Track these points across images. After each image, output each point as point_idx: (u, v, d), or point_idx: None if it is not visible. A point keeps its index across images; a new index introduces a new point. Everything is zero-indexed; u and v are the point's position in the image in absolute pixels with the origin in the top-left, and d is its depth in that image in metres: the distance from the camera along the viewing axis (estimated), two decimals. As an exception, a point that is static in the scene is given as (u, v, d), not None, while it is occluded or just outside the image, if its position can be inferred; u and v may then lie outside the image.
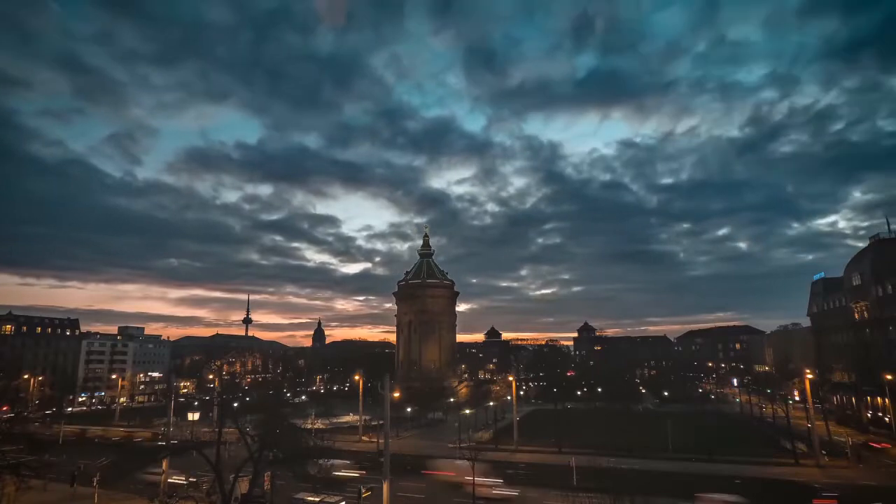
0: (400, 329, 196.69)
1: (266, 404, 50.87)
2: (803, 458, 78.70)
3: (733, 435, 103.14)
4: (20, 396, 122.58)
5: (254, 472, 44.42)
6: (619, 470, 49.68)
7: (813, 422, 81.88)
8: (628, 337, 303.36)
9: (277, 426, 46.03)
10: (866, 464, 76.78)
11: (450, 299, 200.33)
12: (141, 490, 59.49)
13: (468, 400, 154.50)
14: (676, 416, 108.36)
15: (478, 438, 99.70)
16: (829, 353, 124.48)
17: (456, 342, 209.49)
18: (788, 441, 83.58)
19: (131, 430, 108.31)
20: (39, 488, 58.23)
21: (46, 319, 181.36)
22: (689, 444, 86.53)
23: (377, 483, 53.70)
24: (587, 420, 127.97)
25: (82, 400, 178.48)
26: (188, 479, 62.39)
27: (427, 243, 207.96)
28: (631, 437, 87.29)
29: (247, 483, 47.21)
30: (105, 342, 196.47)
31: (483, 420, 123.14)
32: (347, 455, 79.93)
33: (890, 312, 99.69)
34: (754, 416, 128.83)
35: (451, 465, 68.13)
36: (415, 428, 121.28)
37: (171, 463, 58.69)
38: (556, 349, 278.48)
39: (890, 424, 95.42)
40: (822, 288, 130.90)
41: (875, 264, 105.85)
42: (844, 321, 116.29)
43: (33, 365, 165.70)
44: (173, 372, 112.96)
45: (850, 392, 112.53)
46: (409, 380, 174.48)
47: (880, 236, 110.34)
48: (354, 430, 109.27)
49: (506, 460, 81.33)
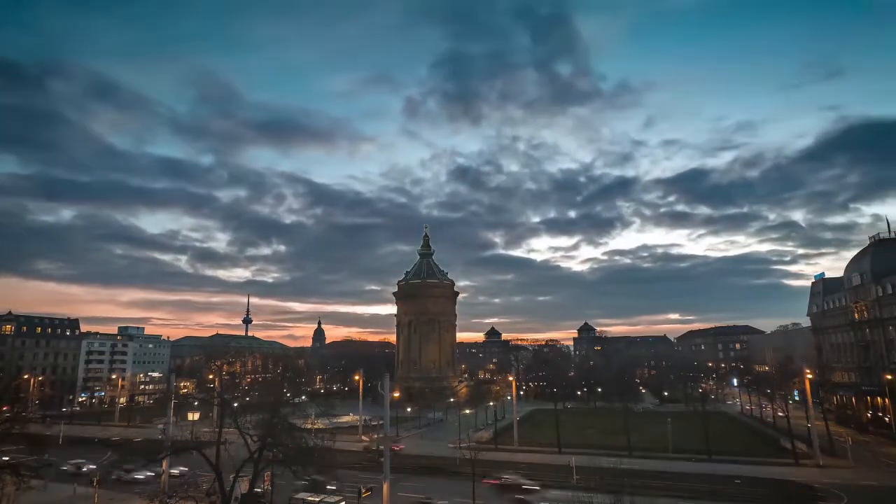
0: (400, 329, 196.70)
1: (266, 404, 50.80)
2: (803, 458, 78.74)
3: (733, 435, 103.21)
4: (20, 396, 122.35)
5: (254, 472, 44.43)
6: (619, 470, 49.62)
7: (813, 422, 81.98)
8: (628, 337, 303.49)
9: (277, 426, 46.03)
10: (866, 464, 76.83)
11: (450, 299, 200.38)
12: (140, 491, 59.47)
13: (468, 400, 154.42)
14: (676, 416, 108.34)
15: (478, 438, 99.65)
16: (829, 353, 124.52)
17: (456, 342, 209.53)
18: (788, 441, 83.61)
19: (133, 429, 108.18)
20: (39, 488, 58.29)
21: (46, 319, 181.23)
22: (689, 444, 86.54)
23: (377, 484, 53.84)
24: (587, 420, 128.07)
25: (82, 400, 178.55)
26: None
27: (427, 243, 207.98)
28: (631, 437, 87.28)
29: (247, 483, 47.21)
30: (105, 342, 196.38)
31: (483, 420, 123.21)
32: (347, 455, 79.93)
33: (890, 312, 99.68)
34: (754, 415, 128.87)
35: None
36: (415, 428, 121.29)
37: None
38: (556, 349, 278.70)
39: (890, 424, 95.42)
40: (822, 288, 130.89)
41: (875, 264, 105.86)
42: (844, 321, 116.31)
43: (33, 365, 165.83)
44: (173, 372, 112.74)
45: (850, 392, 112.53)
46: (409, 380, 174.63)
47: (880, 236, 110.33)
48: (354, 430, 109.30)
49: (506, 460, 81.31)
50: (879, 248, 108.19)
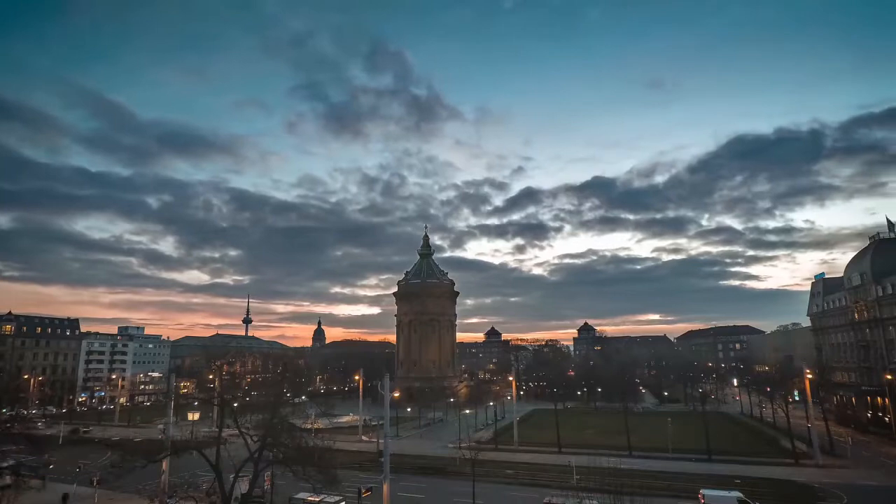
0: (400, 329, 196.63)
1: (266, 404, 50.78)
2: (803, 458, 78.73)
3: (733, 435, 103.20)
4: (20, 396, 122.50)
5: (254, 472, 44.43)
6: (619, 470, 49.63)
7: (813, 422, 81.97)
8: (628, 337, 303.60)
9: (277, 426, 46.04)
10: (866, 464, 76.81)
11: (450, 299, 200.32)
12: (140, 490, 59.48)
13: (468, 400, 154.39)
14: (676, 416, 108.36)
15: (478, 438, 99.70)
16: (829, 353, 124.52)
17: (456, 342, 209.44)
18: (788, 441, 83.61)
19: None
20: (39, 488, 58.32)
21: (46, 319, 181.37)
22: (689, 444, 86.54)
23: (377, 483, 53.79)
24: (587, 420, 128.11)
25: (82, 400, 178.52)
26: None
27: (427, 243, 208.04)
28: (631, 437, 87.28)
29: (247, 483, 47.22)
30: (105, 342, 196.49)
31: (483, 420, 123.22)
32: (347, 455, 79.92)
33: (890, 312, 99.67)
34: (754, 415, 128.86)
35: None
36: (415, 428, 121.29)
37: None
38: (556, 349, 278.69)
39: (890, 424, 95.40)
40: (822, 288, 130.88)
41: (875, 264, 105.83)
42: (844, 321, 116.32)
43: (33, 365, 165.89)
44: (173, 372, 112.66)
45: (850, 392, 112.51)
46: (409, 380, 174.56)
47: (880, 236, 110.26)
48: (354, 430, 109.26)
49: (506, 460, 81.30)
50: (879, 248, 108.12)
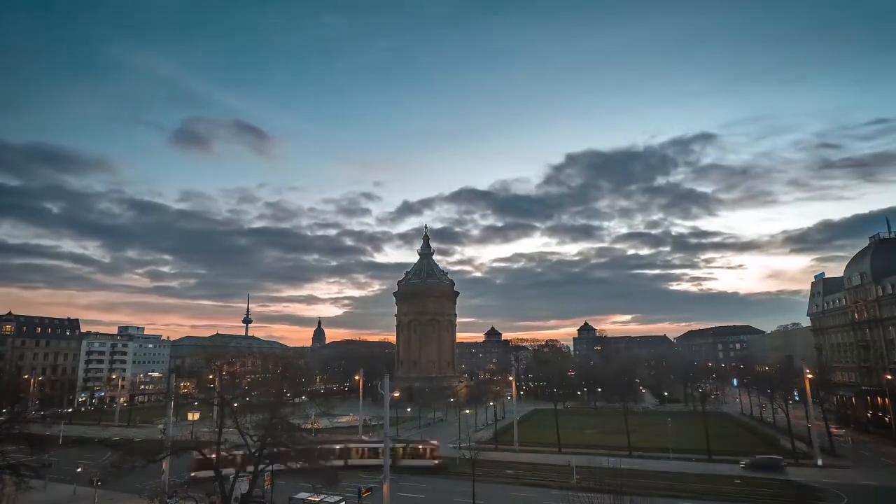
0: (400, 329, 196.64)
1: (266, 404, 50.79)
2: (803, 458, 78.73)
3: (733, 435, 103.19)
4: (20, 396, 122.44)
5: (254, 472, 44.44)
6: (619, 470, 49.58)
7: (813, 422, 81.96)
8: (628, 337, 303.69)
9: (277, 426, 46.04)
10: (866, 464, 76.81)
11: (450, 299, 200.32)
12: (140, 490, 59.43)
13: (468, 400, 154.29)
14: (676, 416, 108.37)
15: (478, 438, 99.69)
16: (829, 353, 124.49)
17: (456, 342, 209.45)
18: (788, 441, 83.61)
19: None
20: (39, 488, 58.24)
21: (46, 319, 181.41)
22: (689, 444, 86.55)
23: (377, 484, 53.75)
24: (587, 420, 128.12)
25: (83, 400, 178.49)
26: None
27: (427, 243, 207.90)
28: (631, 437, 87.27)
29: (247, 483, 47.22)
30: (105, 342, 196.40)
31: (483, 420, 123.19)
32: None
33: (890, 312, 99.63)
34: (754, 415, 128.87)
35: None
36: (415, 428, 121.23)
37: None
38: (556, 349, 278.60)
39: (890, 424, 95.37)
40: (822, 288, 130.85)
41: (875, 264, 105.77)
42: (844, 321, 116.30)
43: (33, 365, 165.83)
44: (173, 372, 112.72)
45: (850, 392, 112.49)
46: (409, 380, 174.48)
47: (880, 236, 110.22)
48: (354, 431, 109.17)
49: (506, 460, 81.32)
50: (879, 248, 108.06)
